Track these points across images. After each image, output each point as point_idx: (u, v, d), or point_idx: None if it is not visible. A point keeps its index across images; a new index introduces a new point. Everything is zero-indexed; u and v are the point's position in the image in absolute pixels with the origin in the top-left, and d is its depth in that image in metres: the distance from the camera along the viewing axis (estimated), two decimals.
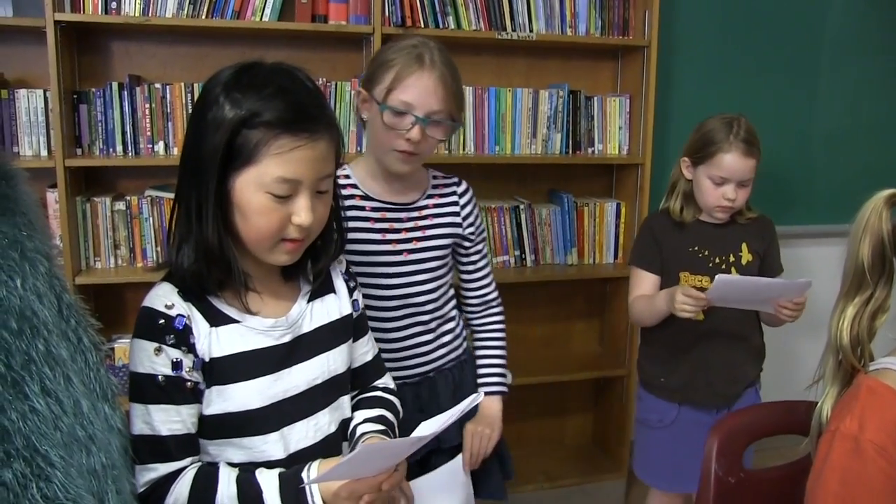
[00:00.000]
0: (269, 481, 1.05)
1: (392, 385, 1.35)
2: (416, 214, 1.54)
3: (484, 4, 2.37)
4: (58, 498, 0.61)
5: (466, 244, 1.62)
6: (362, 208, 1.50)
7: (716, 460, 1.33)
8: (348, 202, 1.49)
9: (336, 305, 1.22)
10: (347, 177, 1.53)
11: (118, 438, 0.75)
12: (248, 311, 1.10)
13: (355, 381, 1.28)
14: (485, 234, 1.69)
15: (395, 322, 1.53)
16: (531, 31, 2.43)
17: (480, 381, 1.65)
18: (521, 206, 2.56)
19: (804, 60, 2.86)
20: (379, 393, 1.30)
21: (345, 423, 1.22)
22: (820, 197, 2.96)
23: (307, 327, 1.16)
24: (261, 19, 2.21)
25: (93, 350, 0.75)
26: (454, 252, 1.62)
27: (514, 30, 2.41)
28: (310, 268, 1.18)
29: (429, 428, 1.04)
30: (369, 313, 1.46)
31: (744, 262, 1.91)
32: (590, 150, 2.61)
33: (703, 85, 2.73)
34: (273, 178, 1.01)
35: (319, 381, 1.16)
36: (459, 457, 1.53)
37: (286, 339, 1.13)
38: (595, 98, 2.59)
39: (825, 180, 2.96)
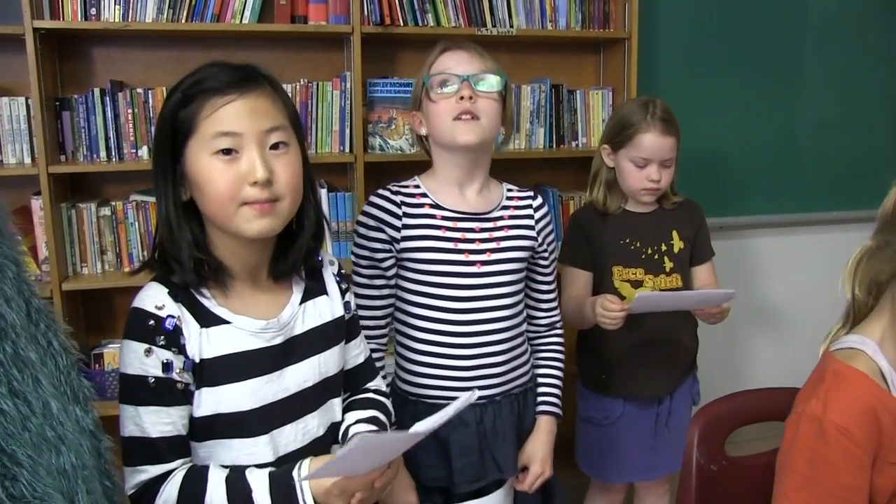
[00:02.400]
0: (258, 480, 1.05)
1: (384, 387, 1.34)
2: (490, 225, 1.48)
3: (463, 1, 2.37)
4: (24, 496, 0.62)
5: (540, 261, 1.56)
6: (433, 216, 1.45)
7: (697, 448, 1.34)
8: (418, 211, 1.47)
9: (328, 307, 1.21)
10: (417, 186, 1.50)
11: (90, 440, 0.75)
12: (230, 296, 1.10)
13: (347, 383, 1.27)
14: (556, 254, 1.62)
15: (465, 338, 1.45)
16: (511, 26, 2.43)
17: (541, 399, 1.57)
18: None
19: (787, 48, 2.87)
20: (371, 395, 1.30)
21: (334, 427, 1.22)
22: (808, 185, 2.97)
23: (299, 329, 1.16)
24: (240, 21, 2.21)
25: (63, 353, 0.76)
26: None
27: (494, 25, 2.41)
28: (294, 253, 1.15)
29: (425, 425, 1.03)
30: (438, 328, 1.45)
31: (676, 249, 1.89)
32: (573, 144, 2.61)
33: (686, 75, 2.74)
34: (211, 135, 1.02)
35: (310, 383, 1.16)
36: (509, 483, 1.52)
37: (278, 340, 1.12)
38: (577, 91, 2.59)
39: (812, 169, 2.97)
